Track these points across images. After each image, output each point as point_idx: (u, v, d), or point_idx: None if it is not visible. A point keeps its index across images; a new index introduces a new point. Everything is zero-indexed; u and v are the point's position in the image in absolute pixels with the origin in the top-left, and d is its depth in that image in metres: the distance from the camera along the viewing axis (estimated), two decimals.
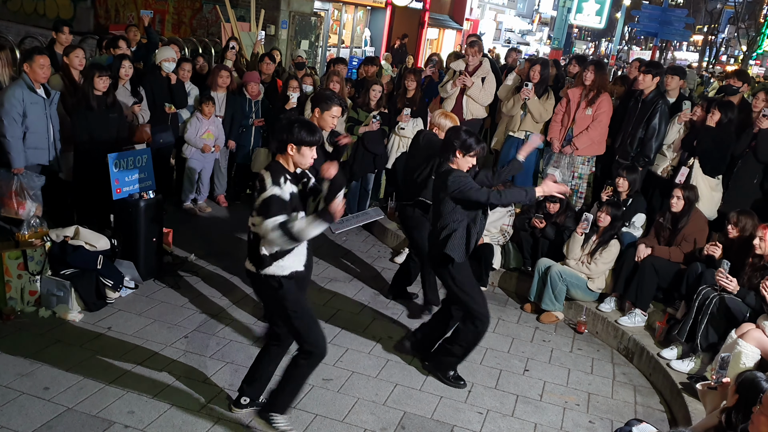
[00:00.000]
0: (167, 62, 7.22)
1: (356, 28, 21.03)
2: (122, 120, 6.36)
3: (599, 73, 6.85)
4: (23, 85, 5.64)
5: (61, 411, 3.97)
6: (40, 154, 5.86)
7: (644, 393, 5.10)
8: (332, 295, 6.07)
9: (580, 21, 23.50)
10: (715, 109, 6.17)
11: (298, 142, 3.59)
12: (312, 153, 3.66)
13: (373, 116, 7.33)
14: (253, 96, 7.84)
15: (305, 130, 3.59)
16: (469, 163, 4.51)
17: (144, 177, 5.92)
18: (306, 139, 3.59)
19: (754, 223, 5.26)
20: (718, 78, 17.80)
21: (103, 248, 5.48)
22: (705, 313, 4.99)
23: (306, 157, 3.64)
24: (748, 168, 6.17)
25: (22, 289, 5.08)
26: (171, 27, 14.92)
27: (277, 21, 14.15)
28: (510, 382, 4.98)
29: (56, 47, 7.54)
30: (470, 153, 4.45)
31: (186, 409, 4.14)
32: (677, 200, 5.74)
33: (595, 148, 6.97)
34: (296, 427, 4.08)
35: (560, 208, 6.38)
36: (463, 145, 4.43)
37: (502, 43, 35.35)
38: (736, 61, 40.98)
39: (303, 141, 3.59)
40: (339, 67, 8.48)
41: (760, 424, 2.79)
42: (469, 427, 4.35)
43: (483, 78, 7.44)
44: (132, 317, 5.21)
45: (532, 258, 6.45)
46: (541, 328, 5.94)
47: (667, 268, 5.66)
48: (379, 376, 4.82)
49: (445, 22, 26.08)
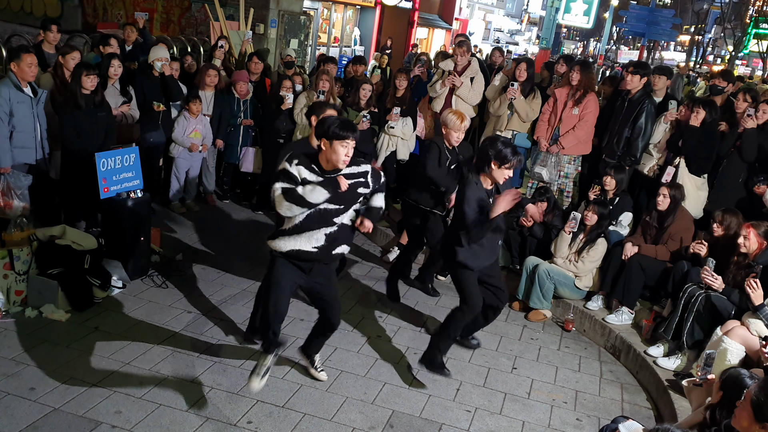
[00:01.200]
0: (159, 62, 7.18)
1: (346, 28, 21.01)
2: (110, 119, 6.33)
3: (585, 73, 6.88)
4: (10, 84, 5.61)
5: (48, 411, 3.95)
6: (27, 153, 5.83)
7: (631, 390, 5.14)
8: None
9: (568, 21, 23.62)
10: (699, 107, 6.22)
11: (330, 136, 3.71)
12: (345, 150, 3.74)
13: (362, 115, 7.34)
14: (242, 95, 7.83)
15: (338, 125, 3.73)
16: (505, 175, 4.45)
17: (132, 176, 5.89)
18: (338, 132, 3.70)
19: (739, 221, 5.31)
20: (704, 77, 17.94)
21: (90, 247, 5.45)
22: (691, 311, 5.03)
23: (338, 153, 3.73)
24: (733, 167, 6.23)
25: (8, 288, 5.04)
26: (159, 26, 14.84)
27: (266, 20, 14.09)
28: (498, 380, 5.00)
29: (44, 46, 7.50)
30: (506, 164, 4.38)
31: (174, 408, 4.13)
32: (663, 199, 5.78)
33: (581, 148, 7.00)
34: (284, 426, 4.09)
35: (548, 207, 6.41)
36: (498, 155, 4.36)
37: (491, 42, 35.42)
38: (722, 61, 41.32)
39: (335, 135, 3.71)
40: (329, 66, 8.47)
41: (742, 419, 2.83)
42: (457, 425, 4.36)
43: (472, 78, 7.46)
44: (119, 317, 5.19)
45: (520, 256, 6.48)
46: (529, 326, 5.96)
47: (653, 267, 5.70)
48: (368, 374, 4.83)
49: (435, 21, 26.11)
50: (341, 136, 3.70)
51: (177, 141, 7.38)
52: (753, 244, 5.00)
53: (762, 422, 2.75)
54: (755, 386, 2.87)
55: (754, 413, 2.77)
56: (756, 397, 2.79)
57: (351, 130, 3.74)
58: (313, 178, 3.77)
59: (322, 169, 3.82)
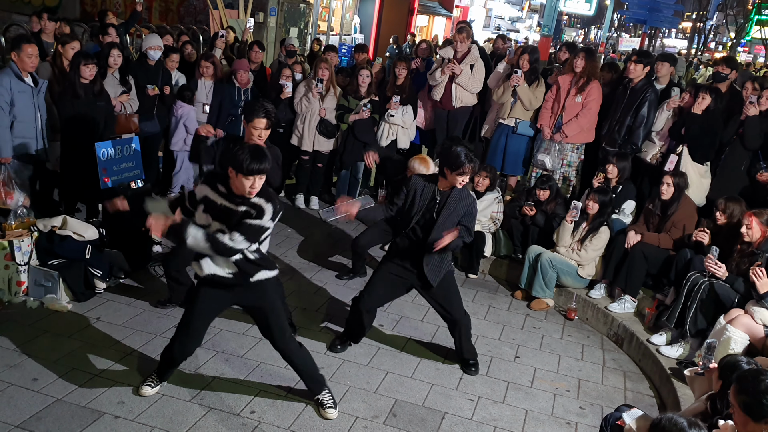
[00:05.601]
0: (152, 50, 7.13)
1: (345, 16, 20.90)
2: (109, 108, 6.29)
3: (590, 60, 6.83)
4: (11, 74, 5.58)
5: (51, 402, 3.95)
6: (28, 143, 5.80)
7: (634, 379, 5.13)
8: (322, 285, 6.07)
9: (569, 8, 23.44)
10: (705, 93, 6.18)
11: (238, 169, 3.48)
12: (250, 183, 3.50)
13: (363, 104, 7.30)
14: (243, 84, 7.77)
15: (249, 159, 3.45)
16: (458, 182, 4.38)
17: (132, 166, 5.88)
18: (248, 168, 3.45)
19: (742, 209, 5.29)
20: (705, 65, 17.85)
21: (91, 238, 5.43)
22: (694, 299, 5.02)
23: (244, 185, 3.50)
24: (736, 155, 6.20)
25: (9, 279, 5.04)
26: (158, 14, 14.76)
27: (266, 8, 14.02)
28: (501, 369, 5.00)
29: (43, 35, 7.45)
30: (456, 171, 4.30)
31: (177, 398, 4.13)
32: (667, 187, 5.75)
33: (585, 136, 6.97)
34: (287, 415, 4.09)
35: (550, 196, 6.39)
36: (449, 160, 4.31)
37: (492, 30, 35.26)
38: (724, 47, 41.13)
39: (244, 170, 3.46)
40: (329, 54, 8.42)
41: (740, 425, 2.80)
42: (460, 414, 4.36)
43: (472, 65, 7.40)
44: (121, 307, 5.19)
45: (523, 245, 6.46)
46: (532, 315, 5.96)
47: (656, 255, 5.69)
48: (371, 364, 4.83)
49: (435, 8, 25.99)
50: (249, 171, 3.46)
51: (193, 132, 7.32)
52: (756, 232, 4.98)
53: (759, 420, 2.70)
54: (733, 389, 2.82)
55: (748, 415, 2.72)
56: (740, 400, 2.75)
57: (259, 164, 3.47)
58: (215, 198, 3.62)
59: (231, 192, 3.59)
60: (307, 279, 6.16)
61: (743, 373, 2.90)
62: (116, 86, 6.66)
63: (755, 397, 2.69)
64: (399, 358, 4.96)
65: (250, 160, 3.45)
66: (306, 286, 6.02)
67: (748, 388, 2.73)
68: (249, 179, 3.49)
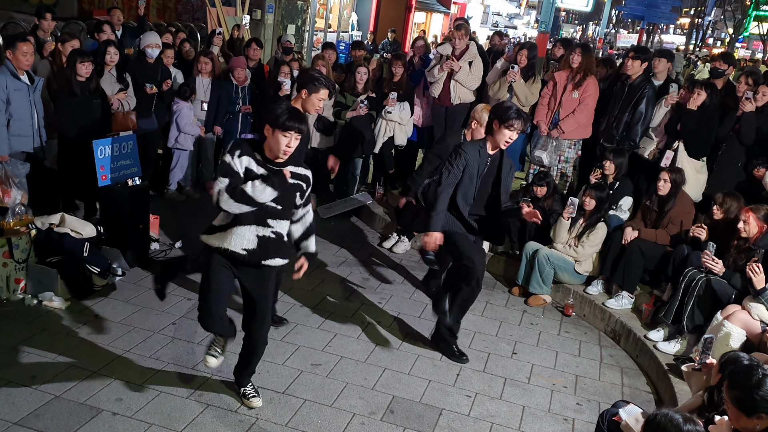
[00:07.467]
0: (150, 48, 7.12)
1: (343, 12, 20.88)
2: (105, 106, 6.29)
3: (586, 56, 6.84)
4: (6, 72, 5.58)
5: (49, 399, 3.95)
6: (25, 141, 5.81)
7: (631, 375, 5.15)
8: (320, 281, 6.07)
9: (567, 4, 23.40)
10: (700, 89, 6.19)
11: (276, 125, 3.50)
12: (287, 141, 3.51)
13: (360, 101, 7.30)
14: (240, 82, 7.78)
15: (287, 116, 3.49)
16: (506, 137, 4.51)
17: (129, 163, 5.87)
18: (285, 124, 3.48)
19: (739, 205, 5.29)
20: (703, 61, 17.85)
21: (89, 235, 5.43)
22: (691, 295, 5.03)
23: (279, 143, 3.52)
24: (732, 151, 6.21)
25: (7, 277, 5.04)
26: (156, 12, 14.73)
27: (264, 5, 14.01)
28: (498, 365, 5.01)
29: (39, 33, 7.45)
30: (505, 123, 4.43)
31: (174, 395, 4.14)
32: (664, 183, 5.76)
33: (582, 132, 6.98)
34: (285, 412, 4.10)
35: (547, 192, 6.40)
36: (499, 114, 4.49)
37: (490, 26, 35.21)
38: (722, 43, 41.13)
39: (282, 125, 3.48)
40: (327, 51, 8.42)
41: (734, 420, 2.80)
42: (457, 410, 4.37)
43: (470, 62, 7.40)
44: (119, 304, 5.19)
45: (520, 241, 6.47)
46: (529, 312, 5.97)
47: (653, 251, 5.69)
48: (368, 360, 4.83)
49: (433, 5, 25.93)
50: (286, 127, 3.49)
51: (185, 130, 7.33)
52: (753, 228, 4.99)
53: (751, 415, 2.71)
54: (726, 385, 2.82)
55: (740, 410, 2.73)
56: (732, 396, 2.75)
57: (298, 122, 3.51)
58: (256, 168, 3.60)
59: (266, 158, 3.63)
60: (304, 276, 6.14)
61: (735, 368, 2.91)
62: (113, 84, 6.66)
63: (746, 392, 2.70)
64: (396, 354, 4.97)
65: (288, 116, 3.48)
66: (304, 282, 6.01)
67: (740, 383, 2.74)
68: (286, 136, 3.50)
